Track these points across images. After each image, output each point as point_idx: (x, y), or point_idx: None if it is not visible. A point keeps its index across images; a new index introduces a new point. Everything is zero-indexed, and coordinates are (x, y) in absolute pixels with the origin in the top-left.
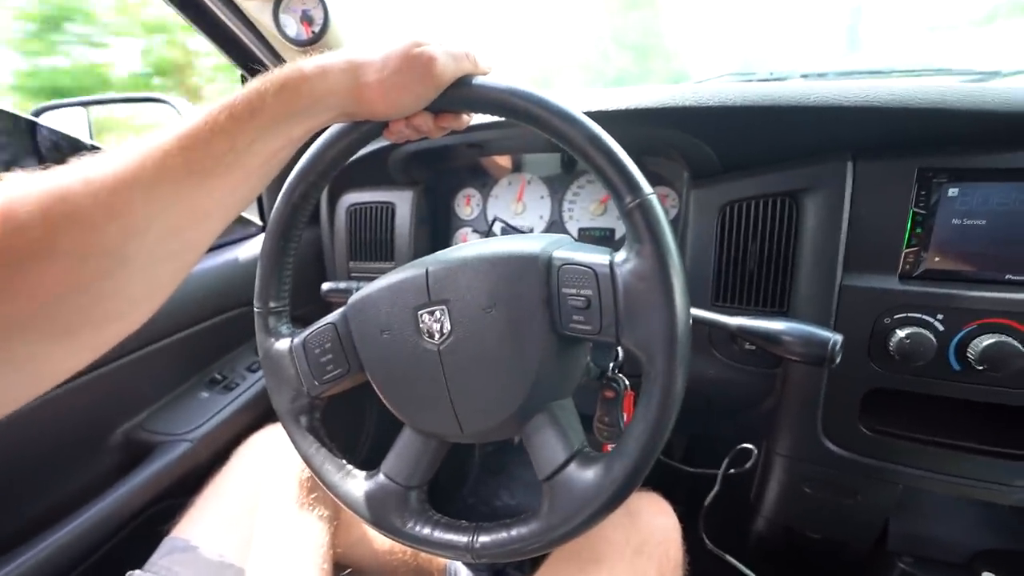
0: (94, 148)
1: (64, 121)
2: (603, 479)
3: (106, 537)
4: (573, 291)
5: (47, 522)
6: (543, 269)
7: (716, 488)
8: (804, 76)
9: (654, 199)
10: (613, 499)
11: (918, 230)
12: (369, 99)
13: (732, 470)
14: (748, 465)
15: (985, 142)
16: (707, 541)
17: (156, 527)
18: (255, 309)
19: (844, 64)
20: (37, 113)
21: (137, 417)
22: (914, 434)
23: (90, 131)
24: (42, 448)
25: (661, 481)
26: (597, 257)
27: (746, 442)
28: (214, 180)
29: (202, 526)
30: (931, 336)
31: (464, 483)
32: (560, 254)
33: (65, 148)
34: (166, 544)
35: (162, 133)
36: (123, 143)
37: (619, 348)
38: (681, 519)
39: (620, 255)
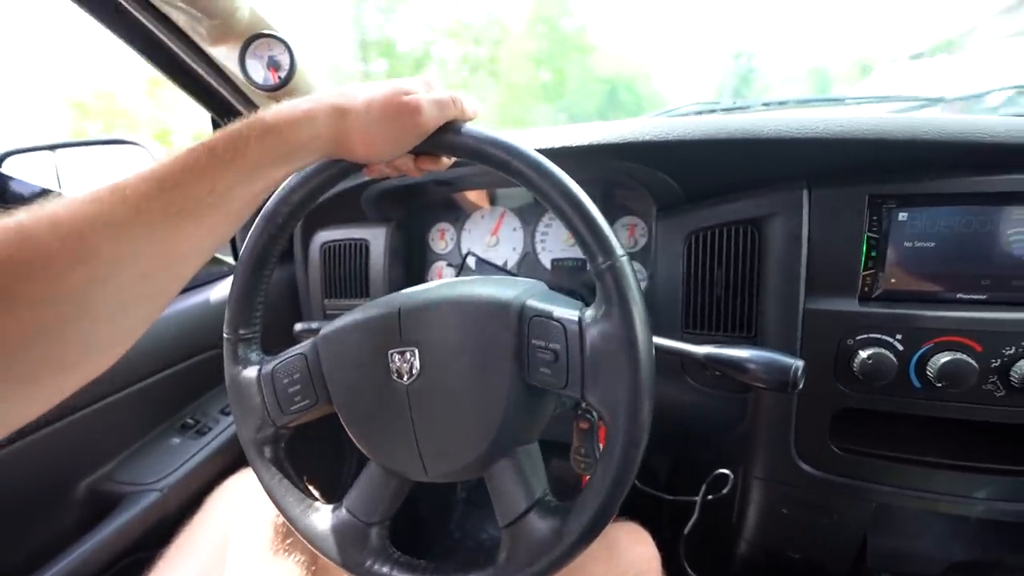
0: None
1: (29, 167)
2: (561, 530)
3: None
4: (542, 343)
5: None
6: (515, 318)
7: (695, 515)
8: (765, 105)
9: (626, 263)
10: (570, 551)
11: (873, 253)
12: (352, 144)
13: (710, 496)
14: (725, 491)
15: (928, 168)
16: (688, 570)
17: None
18: (224, 336)
19: (803, 92)
20: (0, 158)
21: (104, 467)
22: (883, 451)
23: (58, 178)
24: (4, 502)
25: (640, 510)
26: (567, 312)
27: (724, 466)
28: (190, 223)
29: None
30: (891, 356)
31: (450, 517)
32: (532, 304)
33: (28, 197)
34: None
35: (137, 175)
36: (96, 183)
37: None
38: (662, 547)
39: (589, 312)
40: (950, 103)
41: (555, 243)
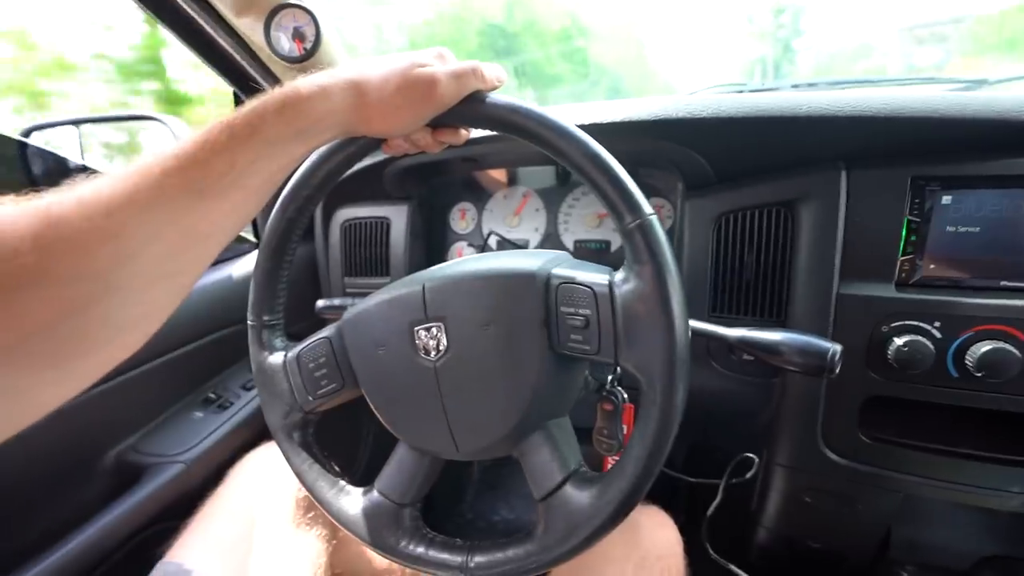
0: (85, 168)
1: (55, 141)
2: (599, 500)
3: (98, 562)
4: (571, 310)
5: (38, 547)
6: (541, 287)
7: (718, 498)
8: (794, 86)
9: (655, 219)
10: (609, 521)
11: (913, 238)
12: (369, 118)
13: (734, 480)
14: (750, 475)
15: (977, 149)
16: (711, 551)
17: (149, 551)
18: (248, 323)
19: (834, 74)
20: (27, 132)
21: (129, 439)
22: (913, 441)
23: (81, 151)
24: (32, 472)
25: (662, 492)
26: (596, 276)
27: (747, 451)
28: (213, 201)
29: (196, 549)
30: (929, 344)
31: (462, 498)
32: (559, 272)
33: (55, 168)
34: (159, 569)
35: (159, 153)
36: (119, 164)
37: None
38: (683, 530)
39: (619, 275)
40: (993, 85)
41: (578, 224)
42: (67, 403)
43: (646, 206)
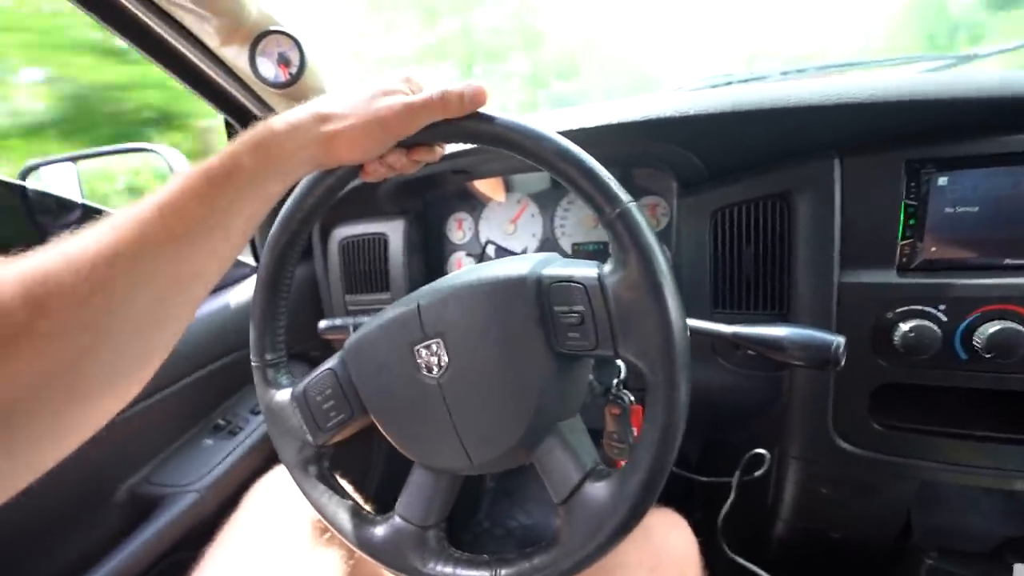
0: (85, 206)
1: (53, 178)
2: (619, 493)
3: None
4: (565, 308)
5: None
6: (533, 289)
7: (732, 496)
8: (784, 74)
9: (634, 207)
10: (632, 513)
11: (911, 221)
12: (337, 149)
13: (747, 477)
14: (761, 472)
15: (969, 129)
16: (727, 550)
17: None
18: (252, 363)
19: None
20: (25, 173)
21: (142, 471)
22: (927, 427)
23: (80, 187)
24: (47, 510)
25: (675, 493)
26: (585, 271)
27: (759, 446)
28: (196, 244)
29: (220, 574)
30: (935, 327)
31: (478, 506)
32: (548, 272)
33: (53, 207)
34: None
35: (141, 203)
36: (104, 217)
37: (620, 363)
38: (698, 530)
39: (607, 267)
40: (983, 59)
41: (574, 228)
42: None
43: (623, 195)
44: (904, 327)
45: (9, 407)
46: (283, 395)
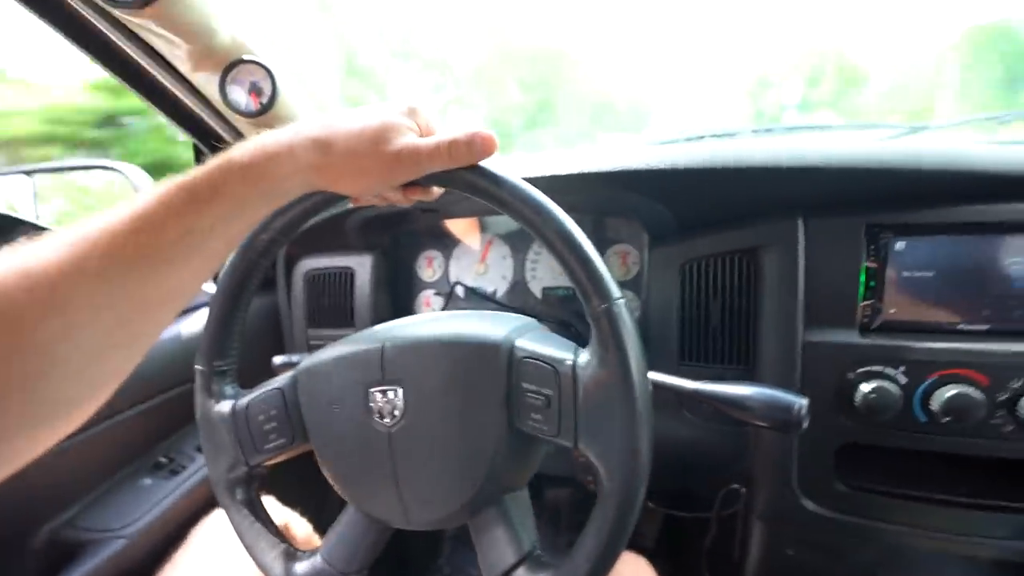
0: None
1: (5, 191)
2: None
3: None
4: (533, 387)
5: None
6: (505, 359)
7: (713, 531)
8: (755, 132)
9: (623, 306)
10: None
11: (872, 283)
12: (336, 178)
13: (725, 511)
14: (737, 507)
15: (926, 197)
16: None
17: None
18: (196, 368)
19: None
20: None
21: (66, 513)
22: (891, 488)
23: (35, 202)
24: None
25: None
26: (560, 353)
27: (722, 507)
28: (169, 266)
29: None
30: (895, 389)
31: (439, 552)
32: (522, 344)
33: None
34: None
35: (112, 215)
36: (69, 227)
37: None
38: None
39: (583, 356)
40: (934, 132)
41: (545, 272)
42: None
43: (615, 291)
44: (865, 388)
45: None
46: (224, 407)
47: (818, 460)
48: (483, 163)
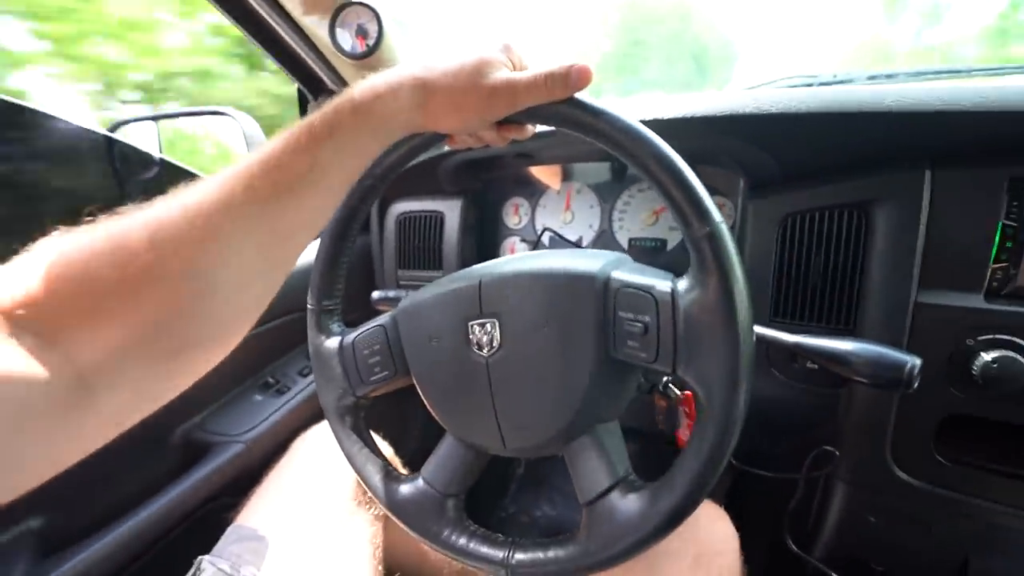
0: (162, 160)
1: (137, 135)
2: (647, 511)
3: (169, 528)
4: (630, 315)
5: (118, 513)
6: (600, 290)
7: (800, 491)
8: (871, 78)
9: (724, 228)
10: (656, 532)
11: (1008, 244)
12: (436, 117)
13: (815, 473)
14: (829, 469)
15: None
16: (792, 546)
17: (214, 520)
18: (308, 306)
19: (914, 64)
20: (113, 128)
21: (195, 418)
22: (998, 466)
23: (160, 144)
24: (109, 447)
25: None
26: (658, 282)
27: (800, 465)
28: (298, 199)
29: (264, 516)
30: (1022, 360)
31: (506, 491)
32: (619, 275)
33: (135, 160)
34: (231, 532)
35: (248, 158)
36: (215, 173)
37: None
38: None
39: (683, 283)
40: None
41: (633, 222)
42: None
43: (716, 213)
44: (986, 357)
45: (133, 345)
46: (333, 342)
47: (918, 429)
48: (580, 96)
